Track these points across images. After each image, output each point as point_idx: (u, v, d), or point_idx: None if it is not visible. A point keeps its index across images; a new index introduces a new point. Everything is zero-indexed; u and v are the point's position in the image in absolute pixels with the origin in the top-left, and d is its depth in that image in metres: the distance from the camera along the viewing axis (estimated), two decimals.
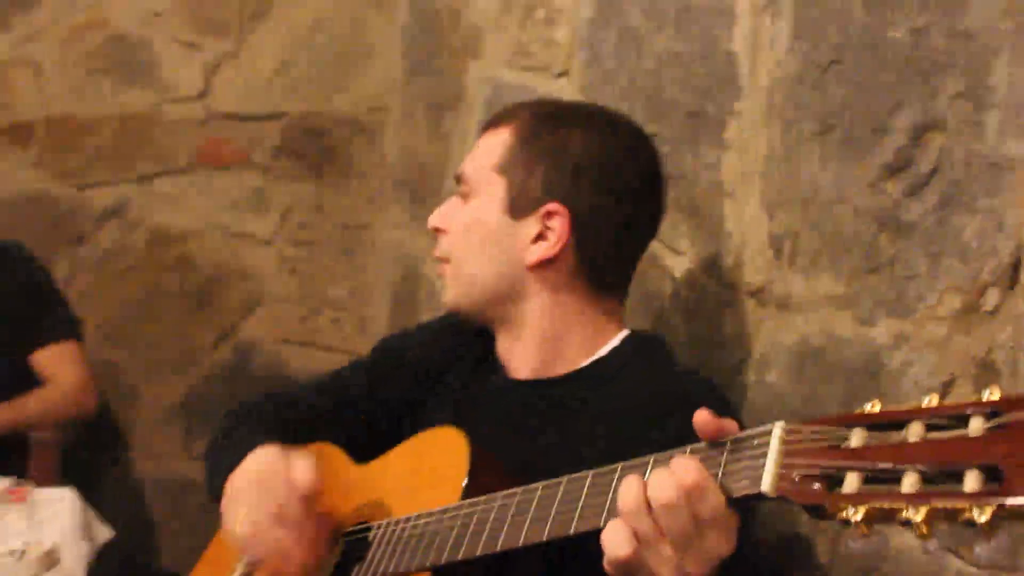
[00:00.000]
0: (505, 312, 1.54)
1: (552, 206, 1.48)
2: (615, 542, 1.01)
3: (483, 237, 1.52)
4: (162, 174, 3.15)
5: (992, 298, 1.24)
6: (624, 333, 1.53)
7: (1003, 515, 0.78)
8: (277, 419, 1.64)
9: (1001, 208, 1.22)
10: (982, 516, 0.79)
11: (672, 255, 1.85)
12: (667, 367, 1.52)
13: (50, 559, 1.73)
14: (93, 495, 2.23)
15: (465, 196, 1.55)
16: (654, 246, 1.89)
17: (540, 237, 1.49)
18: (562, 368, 1.51)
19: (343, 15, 3.18)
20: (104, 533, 2.07)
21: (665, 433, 1.17)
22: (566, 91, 2.16)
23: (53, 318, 2.71)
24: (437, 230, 1.58)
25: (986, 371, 1.23)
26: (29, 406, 2.56)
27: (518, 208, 1.50)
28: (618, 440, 1.28)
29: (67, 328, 2.73)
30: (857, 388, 1.42)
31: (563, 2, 2.20)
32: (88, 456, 2.88)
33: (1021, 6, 1.20)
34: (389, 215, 3.26)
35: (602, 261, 1.52)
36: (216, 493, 1.53)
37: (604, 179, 1.50)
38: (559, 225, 1.47)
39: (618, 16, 1.99)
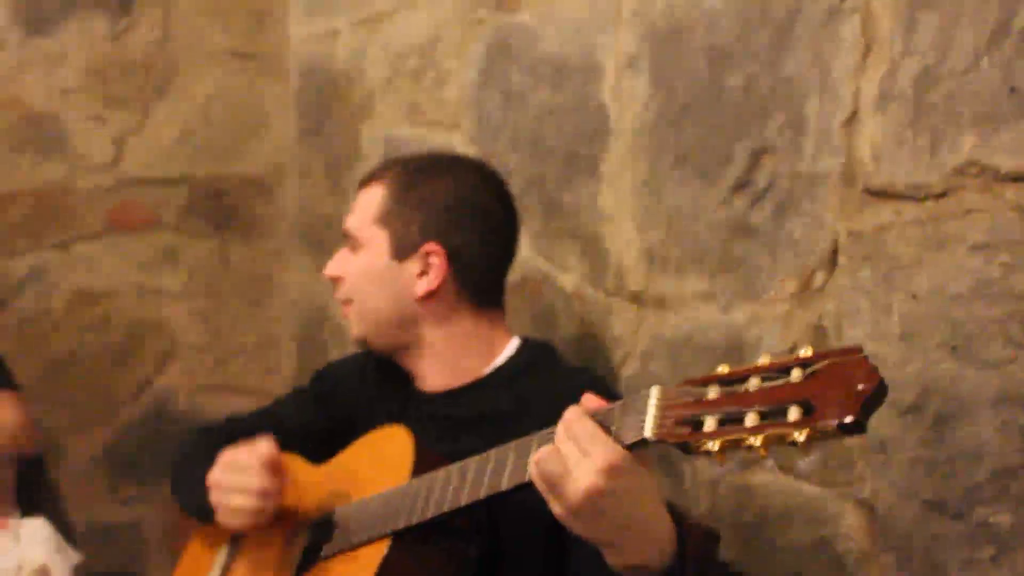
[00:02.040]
0: (405, 338, 1.79)
1: (429, 246, 1.74)
2: (543, 454, 1.21)
3: (376, 280, 1.78)
4: (77, 239, 3.36)
5: (819, 279, 1.60)
6: (516, 341, 1.81)
7: (815, 436, 1.02)
8: (230, 443, 1.84)
9: (820, 211, 1.59)
10: (801, 437, 1.02)
11: (562, 273, 2.18)
12: (558, 367, 1.79)
13: (43, 573, 1.95)
14: None
15: (354, 248, 1.82)
16: (545, 266, 2.23)
17: (423, 272, 1.75)
18: (467, 377, 1.77)
19: (238, 85, 3.44)
20: (74, 556, 2.29)
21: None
22: (458, 142, 2.49)
23: None
24: (334, 279, 1.86)
25: (818, 334, 1.60)
26: None
27: (401, 252, 1.76)
28: (518, 435, 1.40)
29: (5, 380, 2.93)
30: (723, 362, 1.76)
31: (450, 64, 2.52)
32: (22, 507, 3.03)
33: (825, 58, 1.57)
34: (292, 265, 3.53)
35: (478, 282, 1.78)
36: (197, 504, 1.76)
37: (469, 216, 1.76)
38: (437, 261, 1.74)
39: (501, 77, 2.32)
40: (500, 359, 1.78)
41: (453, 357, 1.78)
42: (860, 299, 1.53)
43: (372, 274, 1.79)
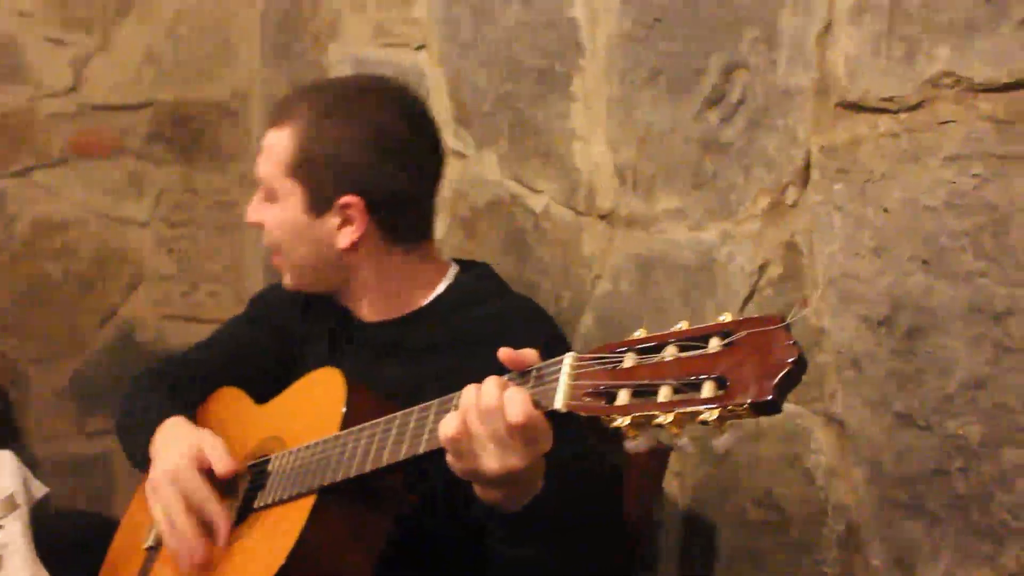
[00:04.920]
0: (337, 282, 1.75)
1: (346, 199, 1.66)
2: (447, 424, 1.22)
3: (295, 234, 1.70)
4: (39, 167, 3.29)
5: (792, 195, 1.59)
6: (453, 269, 1.77)
7: (727, 415, 0.97)
8: (176, 382, 1.81)
9: (793, 125, 1.57)
10: (712, 416, 0.98)
11: (532, 195, 2.16)
12: (496, 296, 1.74)
13: (10, 504, 1.91)
14: None
15: (268, 198, 1.72)
16: (515, 188, 2.21)
17: (345, 222, 1.67)
18: (405, 309, 1.73)
19: (204, 6, 3.37)
20: (40, 488, 2.26)
21: (493, 359, 1.27)
22: (426, 63, 2.45)
23: None
24: (255, 225, 1.77)
25: (791, 252, 1.59)
26: None
27: (317, 207, 1.68)
28: (453, 367, 1.40)
29: None
30: (694, 281, 1.76)
31: None
32: None
33: None
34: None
35: (404, 223, 1.72)
36: (141, 457, 1.70)
37: (386, 158, 1.67)
38: (356, 213, 1.66)
39: None
40: (439, 288, 1.74)
41: (389, 293, 1.74)
42: (833, 214, 1.52)
43: (291, 228, 1.71)
